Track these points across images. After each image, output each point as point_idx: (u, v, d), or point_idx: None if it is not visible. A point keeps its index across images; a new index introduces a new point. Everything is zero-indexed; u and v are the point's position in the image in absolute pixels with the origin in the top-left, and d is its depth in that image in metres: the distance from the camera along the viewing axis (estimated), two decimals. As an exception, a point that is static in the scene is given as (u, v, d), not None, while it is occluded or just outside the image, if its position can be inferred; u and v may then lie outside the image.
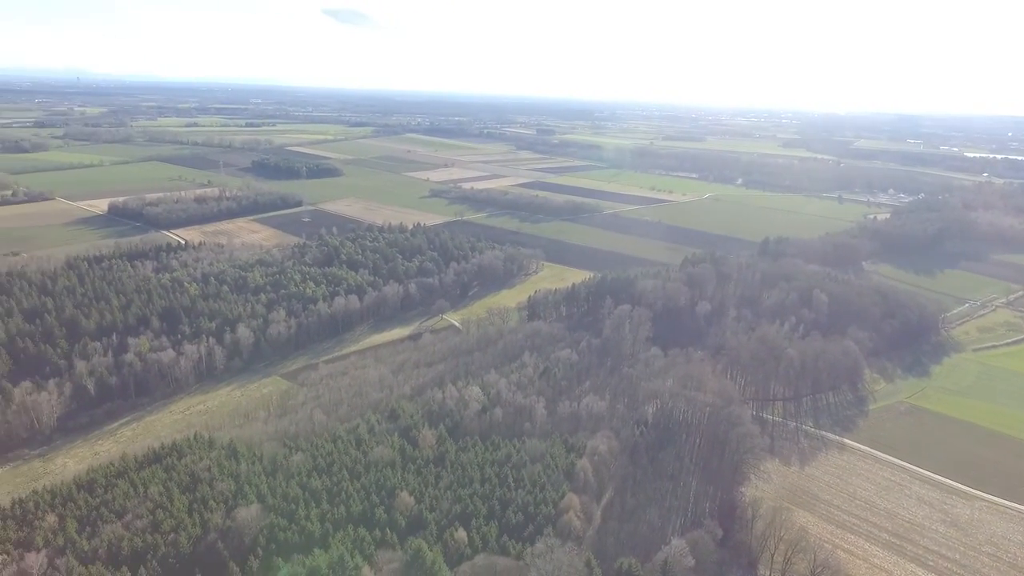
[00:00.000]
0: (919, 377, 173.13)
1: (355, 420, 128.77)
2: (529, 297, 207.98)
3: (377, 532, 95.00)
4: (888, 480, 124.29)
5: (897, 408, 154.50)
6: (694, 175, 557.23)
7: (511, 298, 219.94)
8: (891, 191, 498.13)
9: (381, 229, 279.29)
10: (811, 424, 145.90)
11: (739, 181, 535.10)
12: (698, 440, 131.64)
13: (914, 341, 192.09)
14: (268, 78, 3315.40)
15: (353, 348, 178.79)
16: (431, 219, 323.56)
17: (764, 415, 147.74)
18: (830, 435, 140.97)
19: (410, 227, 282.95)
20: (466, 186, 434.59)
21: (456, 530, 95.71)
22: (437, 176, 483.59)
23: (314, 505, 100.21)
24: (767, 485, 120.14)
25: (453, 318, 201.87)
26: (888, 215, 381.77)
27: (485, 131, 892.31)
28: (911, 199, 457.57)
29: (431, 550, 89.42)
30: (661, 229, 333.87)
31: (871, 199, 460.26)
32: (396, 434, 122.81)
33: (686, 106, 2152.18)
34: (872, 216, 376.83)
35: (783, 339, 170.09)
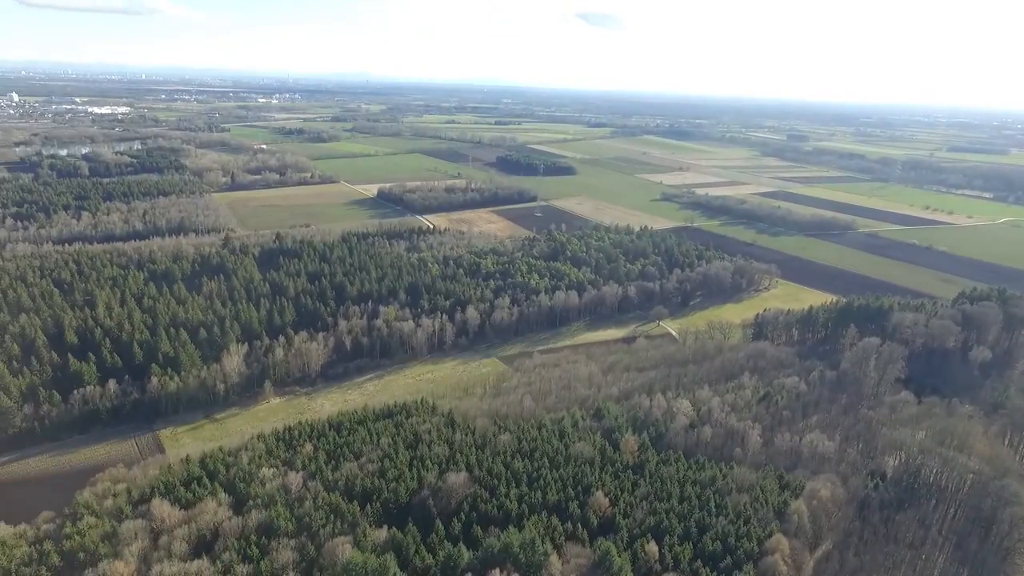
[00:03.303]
0: None
1: (561, 412, 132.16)
2: (757, 314, 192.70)
3: (569, 525, 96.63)
4: None
5: None
6: (987, 195, 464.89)
7: (736, 313, 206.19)
8: None
9: (607, 229, 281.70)
10: None
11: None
12: (953, 511, 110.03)
13: None
14: (520, 80, 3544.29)
15: (567, 342, 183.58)
16: (659, 223, 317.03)
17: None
18: None
19: (636, 229, 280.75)
20: (700, 191, 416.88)
21: (648, 542, 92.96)
22: (670, 179, 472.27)
23: (514, 485, 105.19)
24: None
25: (670, 326, 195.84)
26: None
27: (727, 135, 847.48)
28: None
29: (619, 556, 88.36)
30: (931, 255, 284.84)
31: None
32: (599, 433, 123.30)
33: (985, 111, 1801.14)
34: None
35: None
